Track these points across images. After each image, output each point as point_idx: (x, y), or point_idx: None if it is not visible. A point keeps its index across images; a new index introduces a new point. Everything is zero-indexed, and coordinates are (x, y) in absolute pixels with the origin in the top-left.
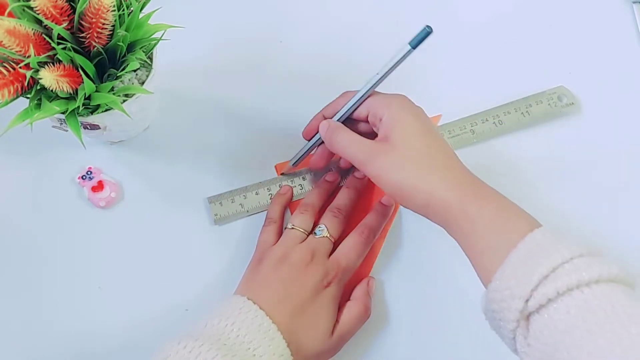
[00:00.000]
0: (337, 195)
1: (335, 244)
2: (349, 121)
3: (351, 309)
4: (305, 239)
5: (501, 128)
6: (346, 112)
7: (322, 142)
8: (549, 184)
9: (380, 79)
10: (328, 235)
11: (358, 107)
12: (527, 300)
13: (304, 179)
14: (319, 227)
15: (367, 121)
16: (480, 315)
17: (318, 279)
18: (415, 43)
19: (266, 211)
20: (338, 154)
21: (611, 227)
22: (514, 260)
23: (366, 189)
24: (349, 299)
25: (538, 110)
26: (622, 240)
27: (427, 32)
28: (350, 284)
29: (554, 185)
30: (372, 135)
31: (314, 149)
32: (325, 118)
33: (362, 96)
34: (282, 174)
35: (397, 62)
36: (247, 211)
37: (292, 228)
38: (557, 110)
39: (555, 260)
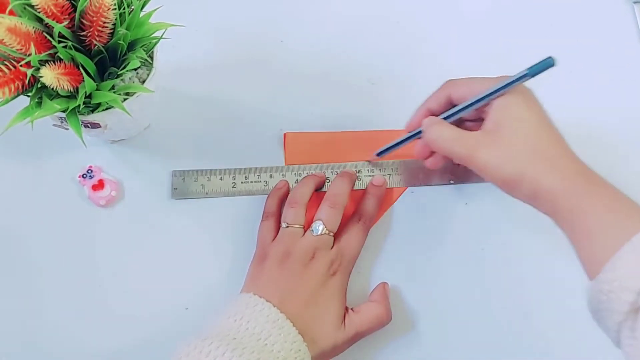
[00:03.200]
0: (331, 184)
1: (335, 233)
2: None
3: (373, 308)
4: (304, 234)
5: None
6: (453, 115)
7: (418, 136)
8: None
9: (490, 94)
10: (326, 232)
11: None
12: (639, 293)
13: (271, 176)
14: (316, 223)
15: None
16: (487, 312)
17: (324, 271)
18: (534, 72)
19: (225, 198)
20: (439, 152)
21: None
22: (627, 253)
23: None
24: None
25: None
26: None
27: (548, 64)
28: None
29: None
30: (476, 125)
31: (405, 143)
32: (430, 112)
33: (471, 104)
34: (367, 161)
35: (512, 82)
36: (207, 193)
37: (287, 227)
38: None
39: None
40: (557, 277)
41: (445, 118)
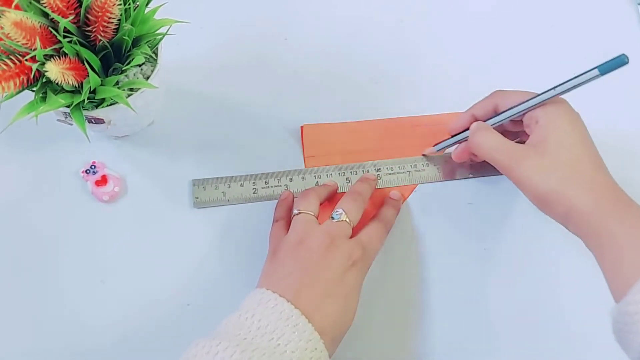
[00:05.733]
0: (353, 185)
1: (355, 230)
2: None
3: None
4: (316, 222)
5: None
6: (502, 120)
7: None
8: None
9: (553, 95)
10: (347, 220)
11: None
12: None
13: (291, 180)
14: (336, 211)
15: (519, 122)
16: (488, 313)
17: (342, 260)
18: (605, 70)
19: (247, 204)
20: (482, 157)
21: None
22: None
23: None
24: None
25: None
26: None
27: (622, 62)
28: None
29: None
30: (515, 138)
31: (455, 141)
32: (474, 117)
33: (526, 109)
34: (423, 154)
35: (579, 83)
36: (228, 200)
37: (299, 213)
38: None
39: None
40: (561, 276)
41: (490, 123)
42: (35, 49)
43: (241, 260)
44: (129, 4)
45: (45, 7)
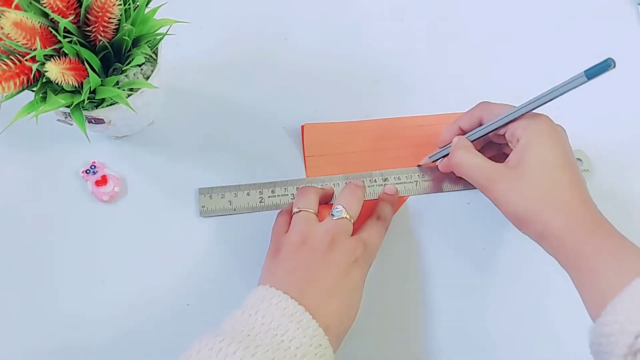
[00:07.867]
0: (348, 183)
1: (354, 228)
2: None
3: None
4: (316, 220)
5: None
6: (483, 134)
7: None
8: None
9: (534, 107)
10: (347, 216)
11: (499, 128)
12: (637, 337)
13: (297, 189)
14: (336, 207)
15: (503, 136)
16: (487, 313)
17: (345, 257)
18: (591, 74)
19: (253, 213)
20: (461, 175)
21: None
22: (627, 297)
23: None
24: None
25: None
26: None
27: (608, 65)
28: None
29: None
30: (499, 151)
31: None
32: (461, 129)
33: (506, 122)
34: (418, 165)
35: (565, 90)
36: (235, 209)
37: (299, 211)
38: None
39: None
40: (559, 276)
41: (473, 136)
42: (35, 49)
43: (243, 259)
44: (129, 4)
45: (45, 7)
